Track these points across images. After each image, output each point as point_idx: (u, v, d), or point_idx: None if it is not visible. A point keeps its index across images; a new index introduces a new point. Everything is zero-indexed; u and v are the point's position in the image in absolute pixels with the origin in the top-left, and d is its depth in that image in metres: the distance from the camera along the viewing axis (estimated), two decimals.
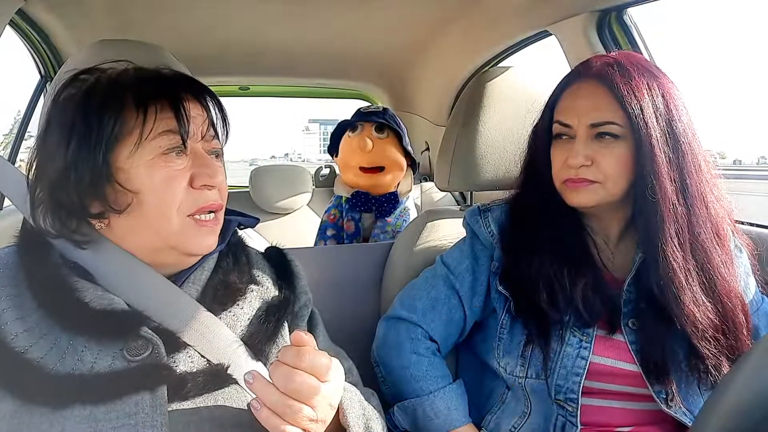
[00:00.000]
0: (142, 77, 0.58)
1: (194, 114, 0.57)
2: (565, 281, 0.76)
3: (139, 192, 0.54)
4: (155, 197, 0.54)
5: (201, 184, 0.56)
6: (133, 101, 0.55)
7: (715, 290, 0.74)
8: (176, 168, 0.55)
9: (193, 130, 0.57)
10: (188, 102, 0.57)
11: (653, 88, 0.73)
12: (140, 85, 0.56)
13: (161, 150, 0.55)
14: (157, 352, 0.53)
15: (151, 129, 0.54)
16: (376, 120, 1.47)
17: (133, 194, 0.54)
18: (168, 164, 0.55)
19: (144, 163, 0.54)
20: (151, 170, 0.54)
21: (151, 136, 0.54)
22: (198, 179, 0.56)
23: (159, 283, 0.58)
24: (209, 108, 0.60)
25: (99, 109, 0.54)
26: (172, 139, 0.55)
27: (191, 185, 0.56)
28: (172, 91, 0.57)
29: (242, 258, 0.67)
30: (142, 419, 0.50)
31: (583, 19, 1.15)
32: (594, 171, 0.75)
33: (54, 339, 0.52)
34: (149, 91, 0.56)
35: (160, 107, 0.55)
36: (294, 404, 0.48)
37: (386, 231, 1.49)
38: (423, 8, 1.40)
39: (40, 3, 1.20)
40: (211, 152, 0.60)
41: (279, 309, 0.64)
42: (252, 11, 1.41)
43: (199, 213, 0.57)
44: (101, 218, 0.56)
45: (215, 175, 0.57)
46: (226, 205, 0.69)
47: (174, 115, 0.55)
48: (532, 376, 0.77)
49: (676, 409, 0.74)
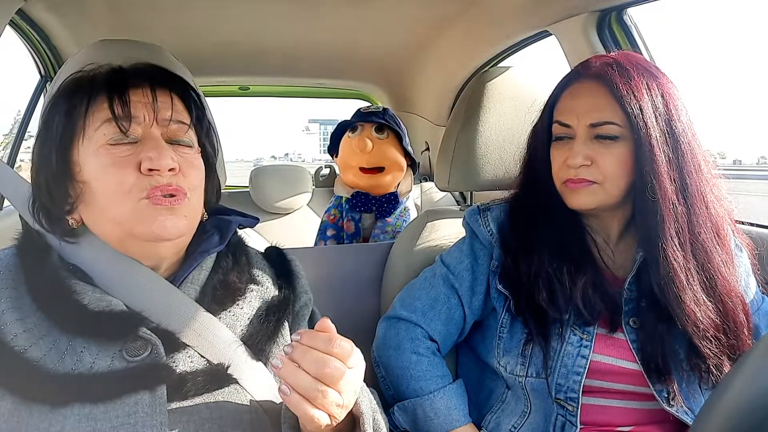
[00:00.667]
0: (97, 73, 0.59)
1: (139, 99, 0.57)
2: (564, 279, 0.76)
3: (88, 182, 0.55)
4: (101, 184, 0.55)
5: (146, 168, 0.55)
6: (80, 97, 0.57)
7: (716, 290, 0.74)
8: (120, 154, 0.55)
9: (144, 115, 0.57)
10: (134, 88, 0.57)
11: (653, 88, 0.73)
12: (90, 82, 0.58)
13: (106, 139, 0.55)
14: (156, 352, 0.53)
15: (92, 119, 0.56)
16: (375, 120, 1.47)
17: (83, 184, 0.56)
18: (112, 151, 0.55)
19: (92, 152, 0.55)
20: (96, 159, 0.55)
21: (94, 126, 0.56)
22: (144, 163, 0.55)
23: (157, 283, 0.58)
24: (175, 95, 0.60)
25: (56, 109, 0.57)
26: (114, 127, 0.56)
27: (140, 170, 0.55)
28: (118, 80, 0.58)
29: (242, 258, 0.67)
30: (141, 419, 0.50)
31: (583, 19, 1.15)
32: (593, 171, 0.75)
33: (53, 340, 0.52)
34: (96, 85, 0.57)
35: (100, 98, 0.56)
36: (324, 389, 0.47)
37: (386, 231, 1.49)
38: (423, 8, 1.40)
39: (40, 3, 1.19)
40: (173, 140, 0.59)
41: (279, 308, 0.64)
42: (252, 11, 1.41)
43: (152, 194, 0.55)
44: (71, 214, 0.58)
45: (160, 158, 0.55)
46: (226, 204, 0.69)
47: (108, 104, 0.55)
48: (533, 375, 0.77)
49: (678, 408, 0.74)
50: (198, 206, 0.61)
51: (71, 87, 0.58)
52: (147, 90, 0.58)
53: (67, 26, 1.35)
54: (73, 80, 0.59)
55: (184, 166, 0.58)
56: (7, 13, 1.05)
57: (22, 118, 1.57)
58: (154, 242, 0.57)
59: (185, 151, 0.59)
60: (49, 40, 1.39)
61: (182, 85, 0.62)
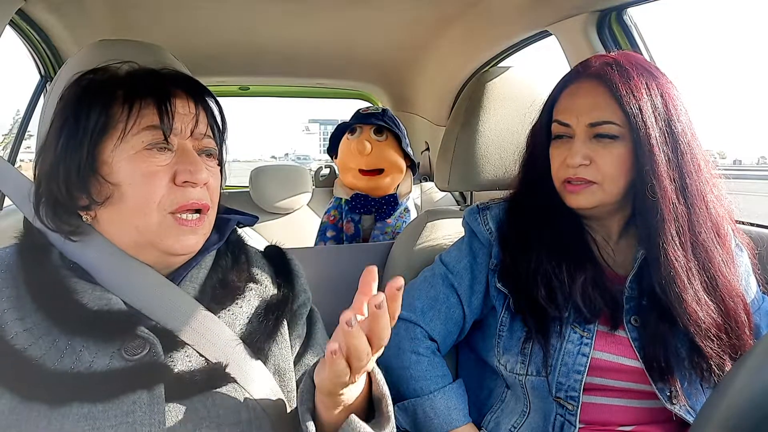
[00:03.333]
0: (135, 74, 0.59)
1: (182, 111, 0.58)
2: (563, 277, 0.76)
3: (119, 185, 0.55)
4: (134, 191, 0.55)
5: (182, 180, 0.56)
6: (121, 97, 0.56)
7: (717, 289, 0.74)
8: (158, 163, 0.55)
9: (181, 127, 0.57)
10: (177, 99, 0.57)
11: (652, 87, 0.73)
12: (131, 81, 0.57)
13: (144, 145, 0.55)
14: (154, 351, 0.54)
15: (134, 123, 0.55)
16: (374, 122, 1.47)
17: (113, 187, 0.55)
18: (149, 159, 0.55)
19: (126, 156, 0.55)
20: (132, 164, 0.55)
21: (135, 131, 0.55)
22: (180, 176, 0.56)
23: (157, 282, 0.58)
24: (204, 107, 0.60)
25: (89, 104, 0.56)
26: (156, 134, 0.55)
27: (174, 182, 0.56)
28: (160, 86, 0.57)
29: (241, 257, 0.67)
30: (140, 418, 0.50)
31: (583, 19, 1.15)
32: (592, 171, 0.75)
33: (53, 339, 0.52)
34: (137, 87, 0.57)
35: (145, 103, 0.56)
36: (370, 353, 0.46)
37: (386, 232, 1.49)
38: (423, 8, 1.40)
39: (40, 3, 1.19)
40: (202, 151, 0.60)
41: (278, 307, 0.64)
42: (252, 11, 1.41)
43: (180, 211, 0.56)
44: (88, 210, 0.57)
45: (197, 171, 0.56)
46: (226, 204, 0.69)
47: (157, 111, 0.55)
48: (533, 373, 0.77)
49: (680, 407, 0.74)
50: (213, 219, 0.61)
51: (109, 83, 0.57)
52: (187, 101, 0.58)
53: (67, 26, 1.35)
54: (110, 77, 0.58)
55: (211, 180, 0.59)
56: (7, 13, 1.05)
57: (22, 118, 1.57)
58: (168, 255, 0.58)
59: (211, 165, 0.60)
60: (49, 40, 1.39)
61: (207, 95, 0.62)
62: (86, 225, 0.57)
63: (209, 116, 0.61)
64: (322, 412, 0.52)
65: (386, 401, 0.55)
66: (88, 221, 0.57)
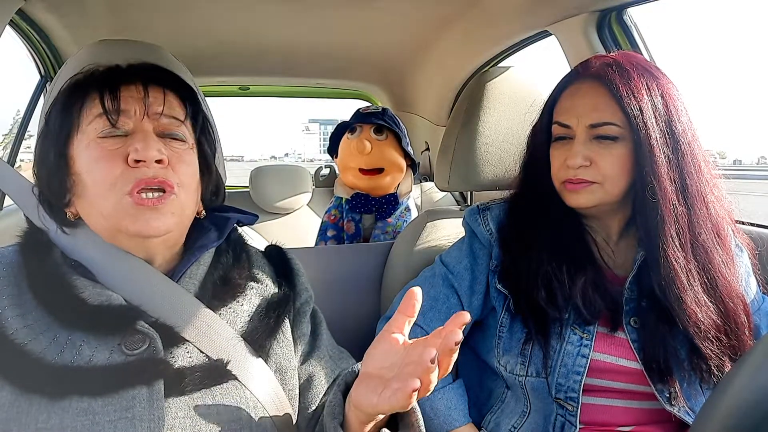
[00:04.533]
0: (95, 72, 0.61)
1: (128, 94, 0.58)
2: (563, 278, 0.76)
3: (80, 174, 0.57)
4: (90, 177, 0.56)
5: (133, 159, 0.55)
6: (79, 94, 0.58)
7: (717, 290, 0.74)
8: (109, 147, 0.56)
9: (133, 110, 0.57)
10: (124, 84, 0.58)
11: (653, 88, 0.73)
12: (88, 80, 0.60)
13: (96, 133, 0.57)
14: (154, 346, 0.54)
15: (85, 114, 0.57)
16: (374, 122, 1.47)
17: (75, 176, 0.57)
18: (102, 144, 0.56)
19: (84, 146, 0.57)
20: (87, 151, 0.57)
21: (87, 121, 0.57)
22: (131, 155, 0.55)
23: (156, 278, 0.58)
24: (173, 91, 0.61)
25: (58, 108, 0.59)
26: (104, 121, 0.57)
27: (128, 164, 0.55)
28: (110, 78, 0.59)
29: (242, 255, 0.67)
30: (139, 413, 0.50)
31: (583, 19, 1.15)
32: (593, 172, 0.75)
33: (53, 335, 0.53)
34: (90, 83, 0.59)
35: (93, 93, 0.58)
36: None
37: (387, 232, 1.49)
38: (423, 8, 1.40)
39: (40, 3, 1.19)
40: (165, 134, 0.59)
41: (279, 305, 0.64)
42: (252, 11, 1.41)
43: (138, 190, 0.55)
44: (68, 206, 0.59)
45: (145, 149, 0.55)
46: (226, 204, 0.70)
47: (99, 98, 0.57)
48: (533, 374, 0.77)
49: (679, 408, 0.74)
50: (188, 203, 0.60)
51: (70, 86, 0.60)
52: (139, 86, 0.59)
53: (67, 26, 1.35)
54: (72, 80, 0.61)
55: (174, 160, 0.58)
56: (7, 13, 1.05)
57: (22, 118, 1.57)
58: (141, 238, 0.57)
59: (177, 146, 0.59)
60: (49, 40, 1.39)
61: (176, 82, 0.63)
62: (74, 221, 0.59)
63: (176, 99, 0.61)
64: (354, 425, 0.51)
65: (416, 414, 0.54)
66: (72, 218, 0.59)
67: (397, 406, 0.45)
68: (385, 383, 0.46)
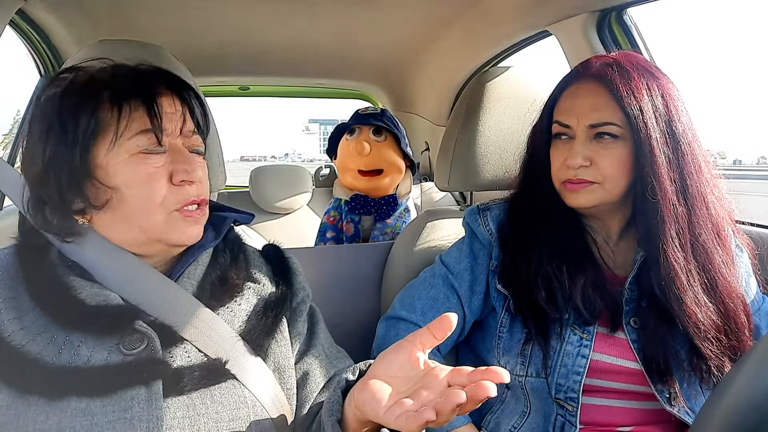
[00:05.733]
0: (118, 74, 0.58)
1: (170, 111, 0.58)
2: (563, 279, 0.76)
3: (118, 188, 0.55)
4: (136, 194, 0.55)
5: (180, 180, 0.57)
6: (108, 99, 0.55)
7: (717, 291, 0.74)
8: (155, 165, 0.56)
9: (171, 128, 0.58)
10: (163, 98, 0.58)
11: (653, 88, 0.73)
12: (115, 82, 0.57)
13: (139, 149, 0.55)
14: (152, 346, 0.54)
15: (126, 128, 0.55)
16: (373, 123, 1.47)
17: (111, 191, 0.55)
18: (146, 161, 0.55)
19: (122, 161, 0.55)
20: (129, 167, 0.55)
21: (127, 135, 0.55)
22: (177, 175, 0.56)
23: (154, 278, 0.58)
24: (189, 103, 0.61)
25: (75, 107, 0.54)
26: (149, 138, 0.56)
27: (171, 181, 0.57)
28: (147, 87, 0.57)
29: (240, 255, 0.67)
30: (138, 413, 0.50)
31: (583, 19, 1.15)
32: (593, 172, 0.75)
33: (51, 336, 0.52)
34: (123, 88, 0.56)
35: (135, 105, 0.55)
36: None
37: (385, 233, 1.49)
38: (423, 8, 1.40)
39: (40, 3, 1.20)
40: (192, 149, 0.60)
41: (277, 305, 0.65)
42: (252, 11, 1.41)
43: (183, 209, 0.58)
44: (83, 214, 0.57)
45: (193, 170, 0.57)
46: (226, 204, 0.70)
47: (147, 114, 0.55)
48: (532, 374, 0.77)
49: (679, 408, 0.74)
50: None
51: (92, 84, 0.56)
52: (173, 99, 0.59)
53: (67, 26, 1.35)
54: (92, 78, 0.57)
55: (203, 176, 0.60)
56: (7, 13, 1.05)
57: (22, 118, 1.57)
58: (172, 246, 0.59)
59: (201, 161, 0.61)
60: (49, 40, 1.39)
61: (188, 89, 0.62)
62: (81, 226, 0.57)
63: (193, 112, 0.61)
64: (352, 425, 0.51)
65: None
66: (84, 224, 0.57)
67: (405, 429, 0.43)
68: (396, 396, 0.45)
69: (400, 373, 0.47)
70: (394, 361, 0.47)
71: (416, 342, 0.47)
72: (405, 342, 0.47)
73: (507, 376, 0.42)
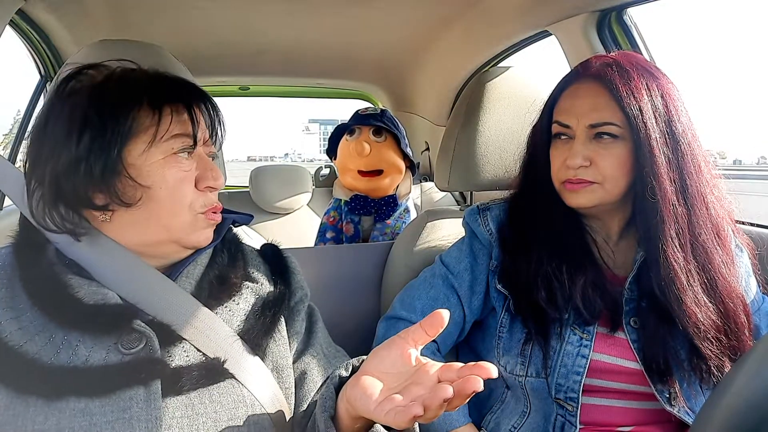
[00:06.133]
0: (155, 79, 0.60)
1: (201, 120, 0.60)
2: (563, 279, 0.76)
3: (150, 188, 0.56)
4: (168, 194, 0.57)
5: (205, 186, 0.59)
6: (148, 101, 0.56)
7: (717, 291, 0.74)
8: (185, 169, 0.58)
9: (202, 135, 0.60)
10: (197, 107, 0.60)
11: (652, 88, 0.73)
12: (154, 86, 0.58)
13: (173, 151, 0.57)
14: (150, 345, 0.54)
15: (167, 130, 0.56)
16: (373, 123, 1.47)
17: (143, 189, 0.56)
18: (178, 164, 0.57)
19: (157, 161, 0.56)
20: (163, 169, 0.56)
21: (166, 137, 0.56)
22: (203, 181, 0.59)
23: (153, 277, 0.58)
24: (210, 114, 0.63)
25: (114, 105, 0.55)
26: (185, 141, 0.58)
27: (196, 186, 0.59)
28: (186, 95, 0.59)
29: (238, 254, 0.68)
30: (137, 413, 0.50)
31: (583, 19, 1.15)
32: (593, 172, 0.75)
33: (49, 335, 0.52)
34: (164, 93, 0.58)
35: (176, 110, 0.57)
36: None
37: (385, 233, 1.49)
38: (423, 8, 1.40)
39: (40, 3, 1.20)
40: (210, 156, 0.63)
41: (275, 304, 0.65)
42: (252, 11, 1.41)
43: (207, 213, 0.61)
44: (105, 210, 0.56)
45: (218, 178, 0.60)
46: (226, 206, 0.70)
47: (189, 119, 0.58)
48: (532, 374, 0.77)
49: (679, 408, 0.74)
50: None
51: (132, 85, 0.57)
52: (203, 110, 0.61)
53: (67, 26, 1.35)
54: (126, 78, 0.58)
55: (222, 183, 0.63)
56: (7, 13, 1.05)
57: (22, 118, 1.58)
58: (185, 248, 0.61)
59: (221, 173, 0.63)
60: (49, 40, 1.39)
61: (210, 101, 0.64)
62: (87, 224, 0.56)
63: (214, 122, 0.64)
64: (345, 421, 0.51)
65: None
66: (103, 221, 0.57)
67: (393, 424, 0.43)
68: (386, 392, 0.45)
69: (392, 369, 0.47)
70: (386, 357, 0.48)
71: (408, 338, 0.47)
72: (397, 338, 0.48)
73: (495, 371, 0.43)
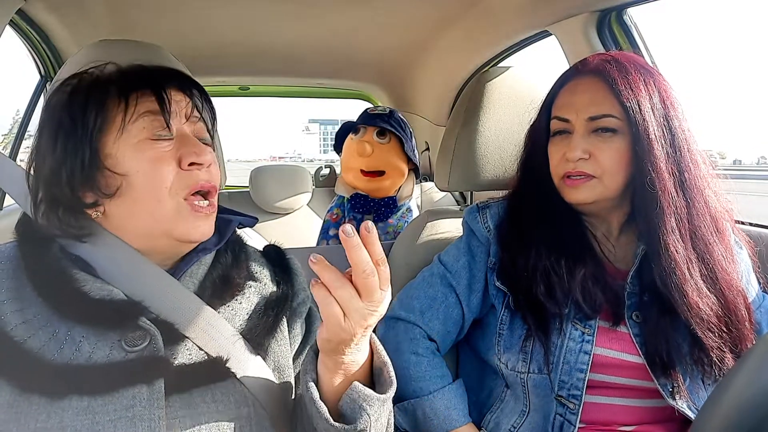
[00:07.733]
0: (125, 71, 0.59)
1: (177, 98, 0.59)
2: (562, 272, 0.76)
3: (127, 174, 0.55)
4: (144, 178, 0.55)
5: (189, 163, 0.56)
6: (116, 92, 0.56)
7: (717, 282, 0.74)
8: (162, 149, 0.56)
9: (177, 111, 0.58)
10: (170, 89, 0.58)
11: (650, 84, 0.74)
12: (122, 77, 0.58)
13: (146, 133, 0.56)
14: (154, 343, 0.54)
15: (133, 111, 0.55)
16: (377, 124, 1.47)
17: (121, 177, 0.55)
18: (154, 146, 0.56)
19: (130, 146, 0.55)
20: (137, 152, 0.55)
21: (134, 119, 0.55)
22: (186, 158, 0.56)
23: (158, 275, 0.58)
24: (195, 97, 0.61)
25: (83, 104, 0.56)
26: (155, 120, 0.56)
27: (180, 166, 0.56)
28: (153, 78, 0.58)
29: (241, 255, 0.67)
30: (139, 412, 0.50)
31: (583, 19, 1.16)
32: (592, 165, 0.75)
33: (53, 330, 0.52)
34: (131, 81, 0.57)
35: (142, 92, 0.56)
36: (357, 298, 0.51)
37: (387, 232, 1.49)
38: (423, 8, 1.41)
39: (40, 3, 1.20)
40: (200, 138, 0.61)
41: (277, 304, 0.65)
42: (252, 11, 1.41)
43: (192, 197, 0.57)
44: (96, 207, 0.56)
45: (202, 152, 0.57)
46: (227, 206, 0.70)
47: (155, 97, 0.56)
48: (534, 371, 0.77)
49: (682, 402, 0.74)
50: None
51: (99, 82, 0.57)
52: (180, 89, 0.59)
53: (67, 26, 1.35)
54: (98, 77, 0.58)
55: (213, 162, 0.60)
56: (7, 13, 1.05)
57: (22, 118, 1.58)
58: (184, 243, 0.58)
59: (209, 150, 0.61)
60: (49, 40, 1.39)
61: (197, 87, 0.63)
62: (94, 224, 0.57)
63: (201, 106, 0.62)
64: (325, 380, 0.53)
65: (387, 369, 0.56)
66: (97, 218, 0.57)
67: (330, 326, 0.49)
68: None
69: None
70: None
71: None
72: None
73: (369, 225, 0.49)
